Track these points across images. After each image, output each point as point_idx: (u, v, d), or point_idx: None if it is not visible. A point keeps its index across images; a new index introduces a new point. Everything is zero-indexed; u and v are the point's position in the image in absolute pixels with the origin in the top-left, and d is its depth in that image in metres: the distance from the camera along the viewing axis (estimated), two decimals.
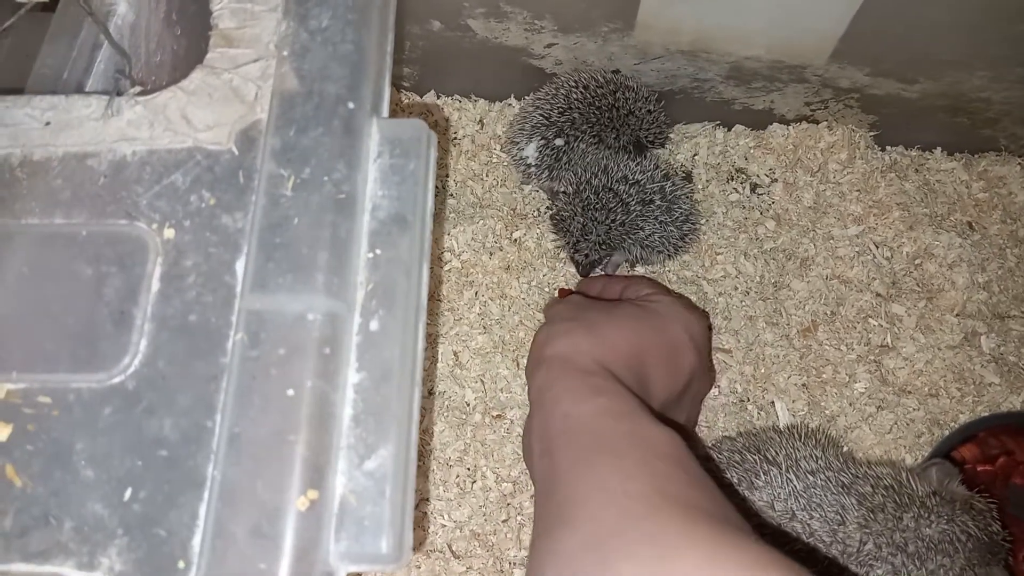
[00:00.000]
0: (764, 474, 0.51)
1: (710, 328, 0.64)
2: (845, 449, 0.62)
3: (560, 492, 0.42)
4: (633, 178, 0.63)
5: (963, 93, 0.68)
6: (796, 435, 0.55)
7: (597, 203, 0.63)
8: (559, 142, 0.66)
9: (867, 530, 0.48)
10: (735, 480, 0.53)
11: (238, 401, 0.29)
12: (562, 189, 0.66)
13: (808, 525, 0.49)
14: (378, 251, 0.33)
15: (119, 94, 0.36)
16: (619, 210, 0.63)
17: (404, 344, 0.32)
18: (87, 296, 0.32)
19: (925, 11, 0.58)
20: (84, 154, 0.35)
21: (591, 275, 0.67)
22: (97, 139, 0.35)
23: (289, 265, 0.31)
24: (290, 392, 0.29)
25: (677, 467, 0.41)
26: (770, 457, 0.52)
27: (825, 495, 0.49)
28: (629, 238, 0.64)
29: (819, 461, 0.51)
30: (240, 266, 0.32)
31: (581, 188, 0.63)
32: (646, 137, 0.67)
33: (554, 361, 0.49)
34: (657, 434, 0.43)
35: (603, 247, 0.64)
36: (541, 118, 0.66)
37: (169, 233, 0.33)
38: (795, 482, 0.50)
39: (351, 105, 0.34)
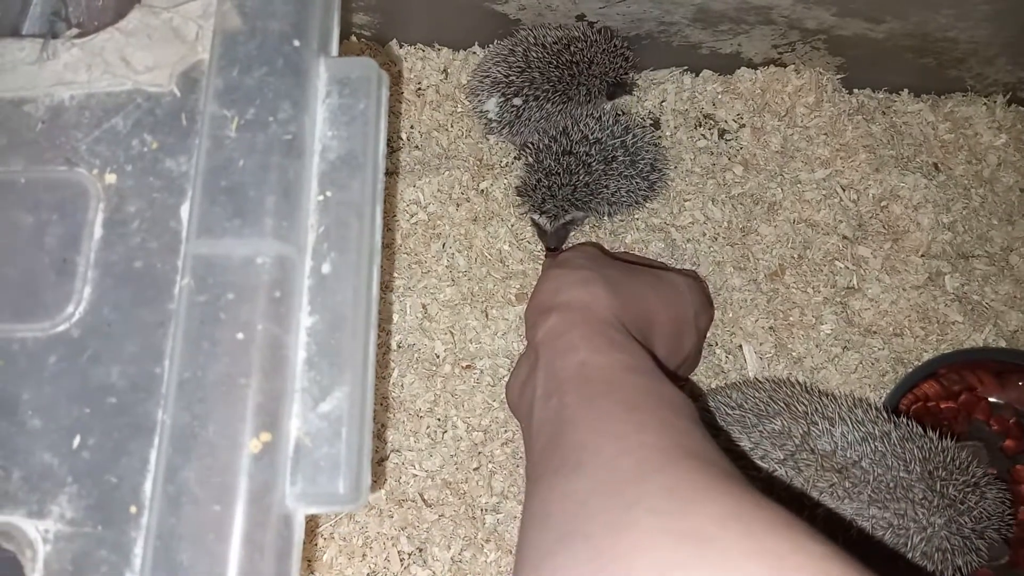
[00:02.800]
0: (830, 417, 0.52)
1: (711, 321, 0.65)
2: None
3: (570, 435, 0.41)
4: (593, 137, 0.62)
5: (929, 32, 0.67)
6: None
7: (558, 168, 0.62)
8: (517, 102, 0.64)
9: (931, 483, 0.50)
10: (779, 426, 0.53)
11: (186, 346, 0.28)
12: (525, 156, 0.65)
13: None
14: (328, 193, 0.32)
15: (55, 36, 0.35)
16: (581, 172, 0.62)
17: (357, 286, 0.32)
18: (28, 245, 0.31)
19: None
20: (20, 99, 0.33)
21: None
22: (33, 84, 0.34)
23: (235, 208, 0.30)
24: (240, 336, 0.29)
25: (693, 425, 0.41)
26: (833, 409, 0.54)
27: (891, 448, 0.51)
28: (595, 198, 0.64)
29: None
30: (185, 211, 0.31)
31: (542, 157, 0.63)
32: (615, 79, 0.66)
33: (571, 307, 0.48)
34: (672, 393, 0.43)
35: (569, 208, 0.63)
36: (500, 75, 0.64)
37: (111, 178, 0.32)
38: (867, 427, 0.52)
39: (296, 43, 0.33)
